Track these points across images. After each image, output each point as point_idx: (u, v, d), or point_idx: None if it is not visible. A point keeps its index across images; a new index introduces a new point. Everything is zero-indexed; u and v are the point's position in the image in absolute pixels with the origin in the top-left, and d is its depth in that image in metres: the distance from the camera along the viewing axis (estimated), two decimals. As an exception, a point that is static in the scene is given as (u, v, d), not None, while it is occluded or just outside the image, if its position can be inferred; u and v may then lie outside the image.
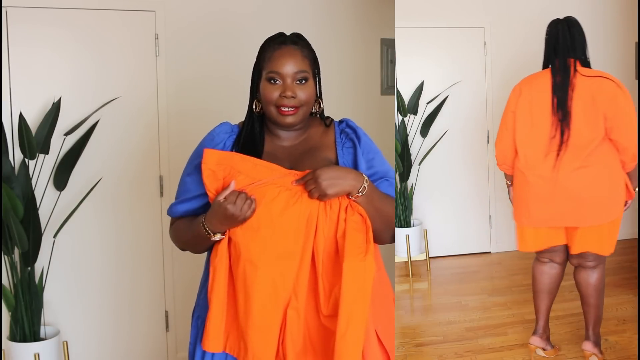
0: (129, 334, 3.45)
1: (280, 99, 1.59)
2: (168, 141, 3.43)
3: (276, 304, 1.49)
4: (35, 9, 3.14)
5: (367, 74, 3.92)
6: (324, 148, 1.67)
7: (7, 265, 3.02)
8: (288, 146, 1.68)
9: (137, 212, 3.42)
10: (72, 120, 3.19)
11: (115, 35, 3.30)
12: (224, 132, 1.69)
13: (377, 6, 3.89)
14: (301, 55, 1.62)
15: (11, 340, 3.01)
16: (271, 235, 1.50)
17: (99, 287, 3.37)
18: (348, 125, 1.71)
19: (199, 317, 1.67)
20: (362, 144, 1.66)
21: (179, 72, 3.42)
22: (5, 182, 2.94)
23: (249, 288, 1.49)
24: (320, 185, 1.49)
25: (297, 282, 1.50)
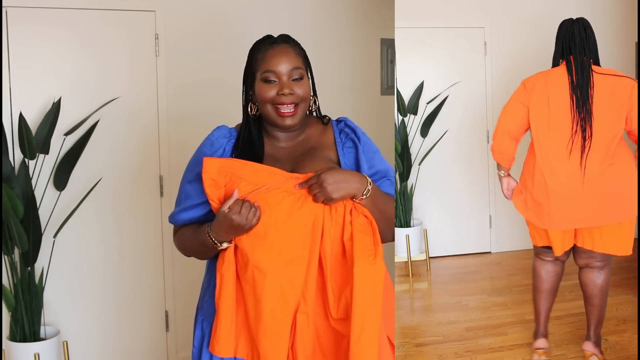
0: (129, 334, 3.45)
1: (278, 97, 1.58)
2: (168, 141, 3.43)
3: (286, 309, 1.49)
4: (35, 9, 3.14)
5: (367, 74, 3.92)
6: (324, 148, 1.66)
7: (7, 265, 3.02)
8: (287, 147, 1.67)
9: (137, 212, 3.42)
10: (72, 120, 3.19)
11: (115, 35, 3.30)
12: (222, 136, 1.67)
13: (377, 6, 3.89)
14: (294, 52, 1.62)
15: (11, 340, 3.01)
16: (278, 241, 1.50)
17: (99, 287, 3.37)
18: (347, 125, 1.71)
19: (203, 321, 1.65)
20: (363, 144, 1.66)
21: (179, 72, 3.42)
22: (5, 182, 2.94)
23: (258, 294, 1.49)
24: (326, 190, 1.49)
25: (305, 286, 1.50)
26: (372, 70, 3.94)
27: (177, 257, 3.47)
